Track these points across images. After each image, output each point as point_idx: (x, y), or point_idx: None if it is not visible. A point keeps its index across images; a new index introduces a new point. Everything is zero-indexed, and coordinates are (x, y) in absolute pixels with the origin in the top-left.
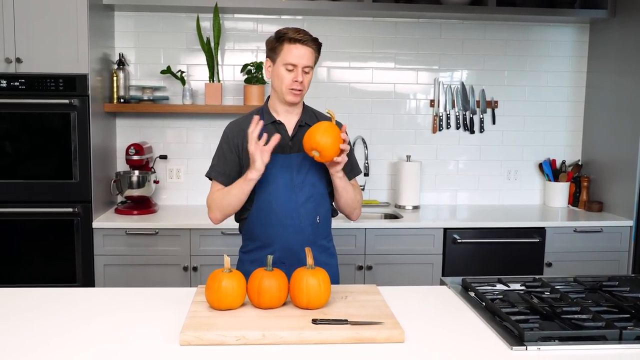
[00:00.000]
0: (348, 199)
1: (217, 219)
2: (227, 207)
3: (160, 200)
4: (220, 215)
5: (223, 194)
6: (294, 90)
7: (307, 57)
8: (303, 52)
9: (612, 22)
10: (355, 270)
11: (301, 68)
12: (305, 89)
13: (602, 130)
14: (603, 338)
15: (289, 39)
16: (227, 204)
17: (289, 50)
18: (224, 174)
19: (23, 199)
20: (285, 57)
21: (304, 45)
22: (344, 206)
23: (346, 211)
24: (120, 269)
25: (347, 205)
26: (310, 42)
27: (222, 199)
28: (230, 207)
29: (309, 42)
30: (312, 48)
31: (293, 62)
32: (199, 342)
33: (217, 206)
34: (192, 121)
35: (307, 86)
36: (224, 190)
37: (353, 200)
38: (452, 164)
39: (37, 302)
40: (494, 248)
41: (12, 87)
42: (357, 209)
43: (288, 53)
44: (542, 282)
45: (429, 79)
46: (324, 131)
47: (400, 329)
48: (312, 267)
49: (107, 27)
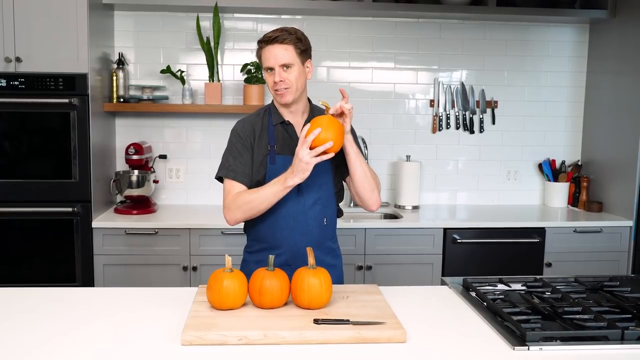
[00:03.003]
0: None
1: (236, 221)
2: (254, 210)
3: (160, 200)
4: (242, 217)
5: (251, 196)
6: (278, 91)
7: (281, 55)
8: (275, 52)
9: (612, 22)
10: (355, 270)
11: (278, 67)
12: (294, 85)
13: (602, 130)
14: (605, 338)
15: (261, 43)
16: (255, 206)
17: (264, 55)
18: (244, 174)
19: (22, 198)
20: (263, 61)
21: (275, 44)
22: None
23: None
24: (120, 269)
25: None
26: (282, 38)
27: (250, 201)
28: (258, 210)
29: (279, 40)
30: (286, 43)
31: (269, 65)
32: (201, 342)
33: (239, 207)
34: (192, 121)
35: (296, 82)
36: (250, 192)
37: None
38: (452, 164)
39: (36, 301)
40: (494, 248)
41: (12, 87)
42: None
43: (264, 56)
44: (543, 282)
45: (429, 79)
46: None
47: (402, 329)
48: (314, 267)
49: (106, 26)
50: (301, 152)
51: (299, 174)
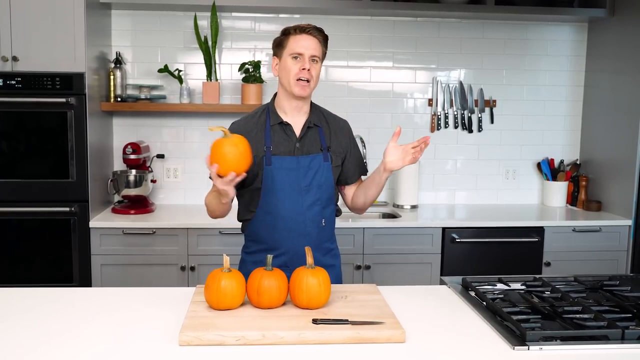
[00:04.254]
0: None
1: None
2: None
3: (158, 199)
4: (212, 216)
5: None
6: (302, 80)
7: (314, 47)
8: (309, 42)
9: (611, 21)
10: (354, 270)
11: (308, 57)
12: (314, 81)
13: (601, 129)
14: (605, 338)
15: (294, 30)
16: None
17: (295, 41)
18: None
19: (19, 198)
20: (291, 47)
21: (310, 35)
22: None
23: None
24: (117, 269)
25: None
26: (316, 32)
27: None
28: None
29: (314, 32)
30: (319, 39)
31: (299, 51)
32: (199, 343)
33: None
34: (190, 120)
35: (316, 79)
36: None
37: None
38: (450, 163)
39: (34, 302)
40: (493, 247)
41: (9, 86)
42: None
43: (294, 43)
44: (543, 282)
45: (427, 78)
46: (224, 156)
47: (401, 329)
48: (312, 267)
49: (104, 25)
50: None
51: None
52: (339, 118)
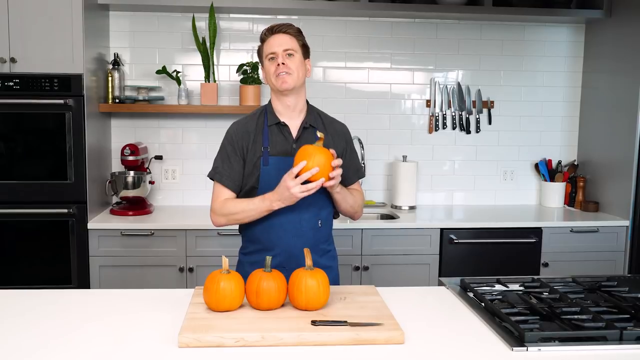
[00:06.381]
0: (347, 206)
1: (220, 225)
2: (237, 221)
3: (156, 201)
4: (225, 223)
5: (236, 208)
6: (280, 74)
7: (286, 42)
8: (280, 39)
9: (608, 22)
10: (352, 271)
11: (281, 53)
12: (295, 73)
13: (598, 130)
14: (603, 338)
15: (264, 35)
16: (239, 219)
17: (268, 43)
18: (230, 178)
19: (17, 199)
20: (266, 50)
21: (278, 33)
22: (345, 212)
23: (347, 215)
24: (116, 270)
25: (347, 211)
26: (285, 27)
27: (235, 213)
28: (241, 221)
29: (283, 28)
30: (289, 33)
31: (272, 51)
32: (198, 344)
33: (224, 215)
34: (188, 121)
35: (297, 71)
36: (237, 203)
37: (353, 206)
38: (448, 164)
39: (32, 303)
40: (491, 248)
41: (7, 87)
42: (358, 212)
43: (267, 46)
44: (541, 283)
45: (425, 79)
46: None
47: (400, 330)
48: (311, 268)
49: (102, 27)
50: (289, 182)
51: (285, 201)
52: (337, 122)
